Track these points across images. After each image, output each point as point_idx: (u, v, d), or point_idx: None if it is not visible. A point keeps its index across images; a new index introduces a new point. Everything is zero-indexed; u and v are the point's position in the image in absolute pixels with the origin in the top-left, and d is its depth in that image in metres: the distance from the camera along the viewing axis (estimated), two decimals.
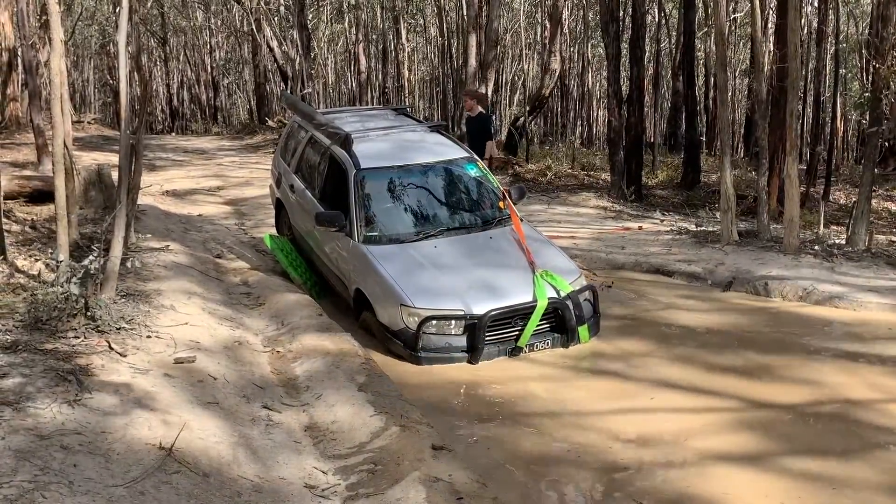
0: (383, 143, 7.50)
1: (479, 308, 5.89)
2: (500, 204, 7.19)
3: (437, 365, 5.86)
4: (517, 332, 6.00)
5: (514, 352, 6.00)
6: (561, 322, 6.13)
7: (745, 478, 4.30)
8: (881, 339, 6.38)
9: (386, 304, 6.12)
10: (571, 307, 6.12)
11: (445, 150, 7.52)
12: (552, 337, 6.14)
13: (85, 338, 4.83)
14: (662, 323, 6.96)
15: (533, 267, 6.30)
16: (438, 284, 6.11)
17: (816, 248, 9.40)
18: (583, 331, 6.19)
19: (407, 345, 5.91)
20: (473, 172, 7.40)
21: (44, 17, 16.57)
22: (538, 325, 6.03)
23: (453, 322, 5.91)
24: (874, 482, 4.22)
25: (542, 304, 5.99)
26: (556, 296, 6.12)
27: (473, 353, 5.86)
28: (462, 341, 5.90)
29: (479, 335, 5.83)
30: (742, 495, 4.10)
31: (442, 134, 7.93)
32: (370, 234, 6.69)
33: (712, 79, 23.06)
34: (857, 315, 7.00)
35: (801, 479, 4.28)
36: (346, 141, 7.16)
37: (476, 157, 7.68)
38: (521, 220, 7.11)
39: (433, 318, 5.87)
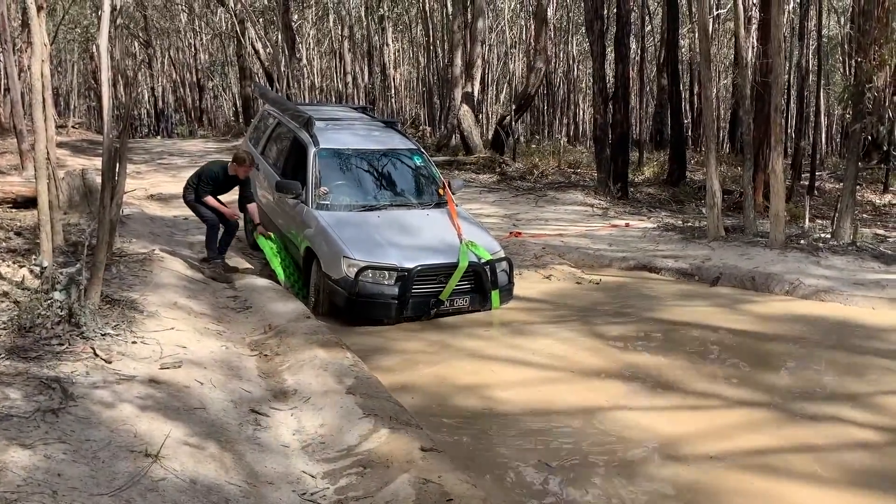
0: (342, 130, 8.56)
1: (410, 263, 6.85)
2: (440, 191, 8.17)
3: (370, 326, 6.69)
4: (441, 288, 6.91)
5: (437, 303, 6.94)
6: (479, 284, 7.10)
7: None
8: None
9: (331, 256, 6.97)
10: (488, 272, 7.09)
11: (395, 140, 8.59)
12: (470, 296, 7.12)
13: (69, 345, 4.77)
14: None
15: (461, 238, 7.27)
16: (376, 244, 7.03)
17: (802, 242, 9.46)
18: (495, 295, 7.19)
19: (346, 290, 6.73)
20: (418, 162, 8.44)
21: (23, 18, 16.44)
22: (459, 284, 6.98)
23: (387, 273, 6.79)
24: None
25: (463, 265, 6.96)
26: (476, 260, 7.05)
27: (402, 301, 6.74)
28: (394, 290, 6.76)
29: (408, 285, 6.75)
30: None
31: (394, 129, 8.99)
32: (322, 202, 7.61)
33: (697, 75, 23.17)
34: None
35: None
36: (308, 122, 8.23)
37: (422, 149, 8.71)
38: (457, 206, 8.04)
39: (369, 267, 6.76)
